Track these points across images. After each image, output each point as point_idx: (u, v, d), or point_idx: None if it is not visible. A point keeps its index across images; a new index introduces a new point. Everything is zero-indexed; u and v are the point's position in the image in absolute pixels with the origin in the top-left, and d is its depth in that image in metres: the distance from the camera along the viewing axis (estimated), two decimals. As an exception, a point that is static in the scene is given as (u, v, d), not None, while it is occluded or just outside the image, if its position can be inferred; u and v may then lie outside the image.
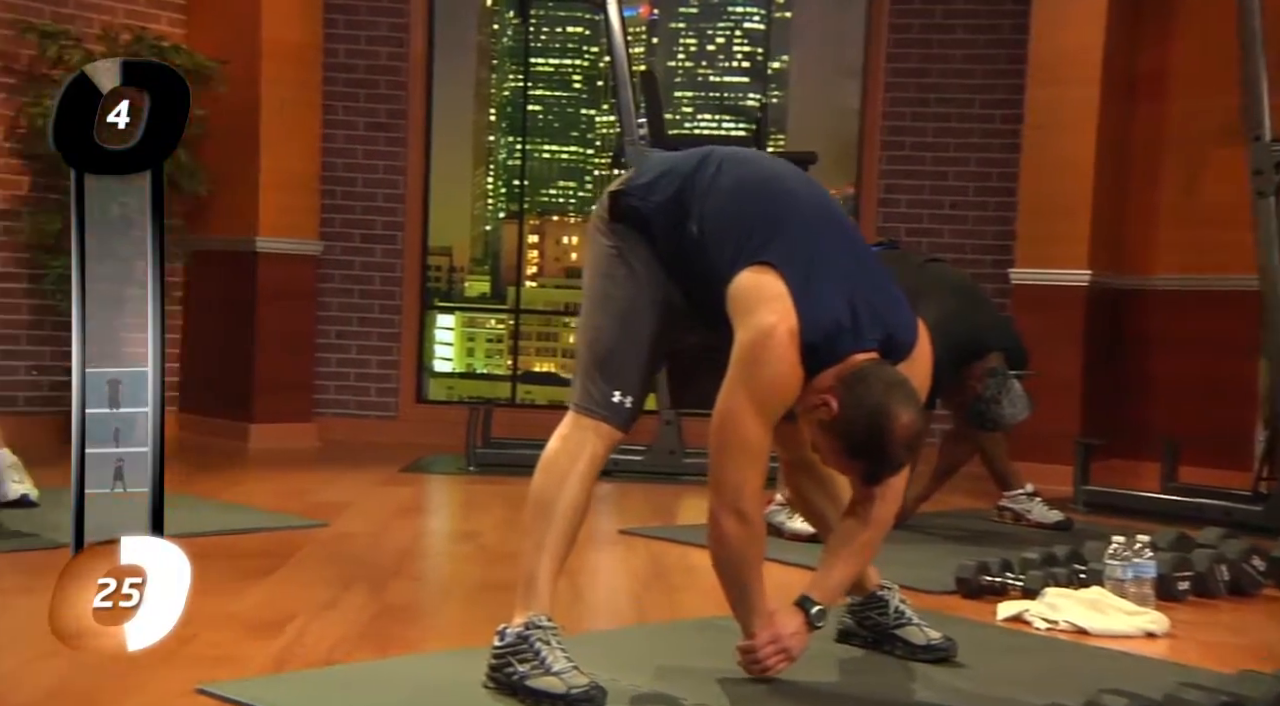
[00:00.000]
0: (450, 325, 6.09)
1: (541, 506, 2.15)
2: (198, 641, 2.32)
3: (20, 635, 2.31)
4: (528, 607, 2.08)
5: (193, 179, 5.27)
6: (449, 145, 5.97)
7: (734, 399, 1.99)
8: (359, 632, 2.46)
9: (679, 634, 2.53)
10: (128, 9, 5.35)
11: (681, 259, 2.14)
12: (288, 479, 4.56)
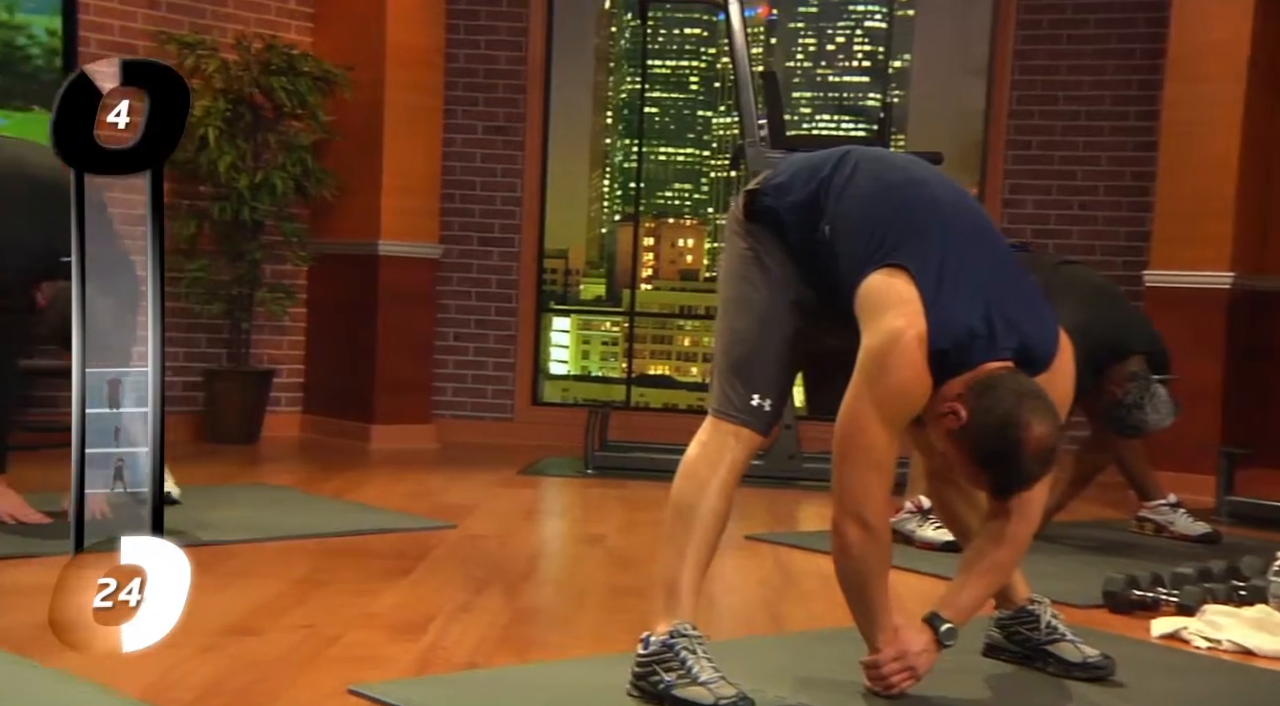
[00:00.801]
0: (566, 328, 6.11)
1: (682, 513, 2.13)
2: (344, 642, 2.36)
3: (171, 634, 2.36)
4: (671, 616, 2.06)
5: (319, 183, 5.38)
6: (566, 148, 5.99)
7: (858, 405, 1.94)
8: (498, 636, 2.47)
9: (817, 644, 2.48)
10: (259, 18, 5.49)
11: (813, 260, 2.10)
12: (411, 480, 4.62)
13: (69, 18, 4.89)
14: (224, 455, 4.95)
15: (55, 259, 3.17)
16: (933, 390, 1.94)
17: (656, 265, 6.58)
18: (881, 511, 2.00)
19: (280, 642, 2.33)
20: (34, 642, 2.21)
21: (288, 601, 2.64)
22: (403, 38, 5.42)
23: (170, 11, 5.26)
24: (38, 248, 3.16)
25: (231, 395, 5.34)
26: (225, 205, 5.20)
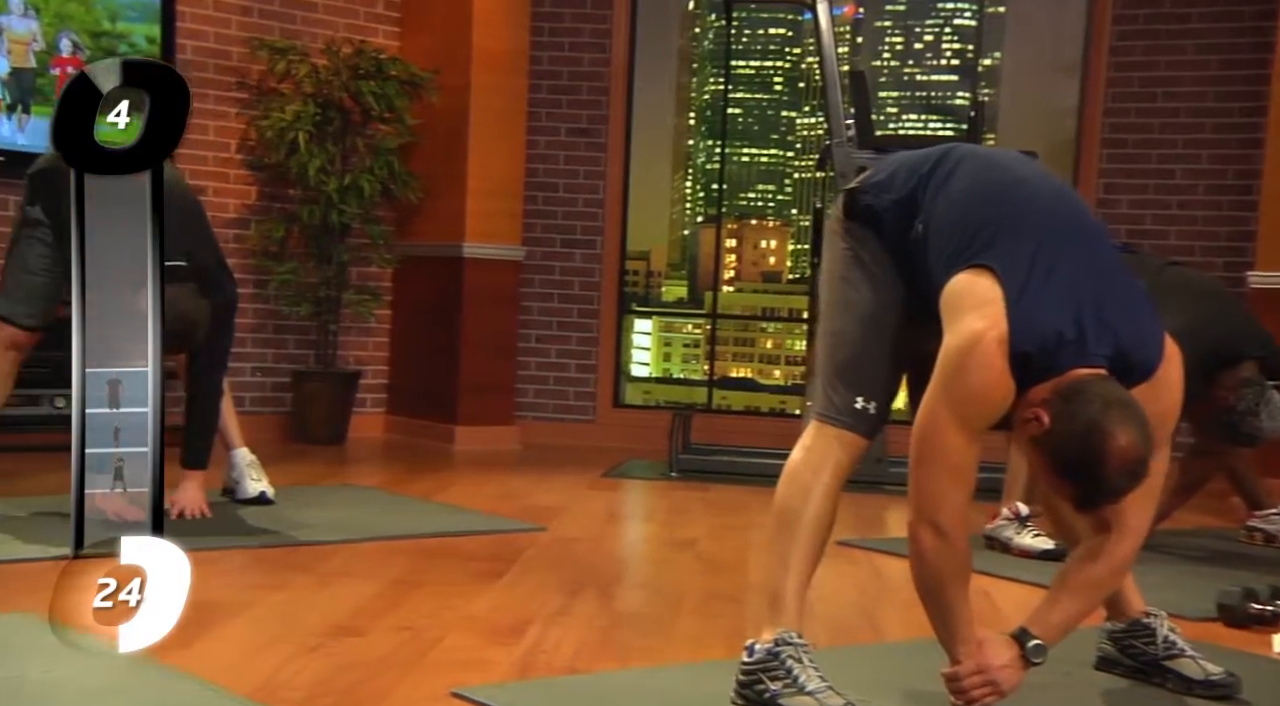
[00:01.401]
0: (647, 330, 6.10)
1: (785, 519, 2.10)
2: (444, 644, 2.36)
3: (277, 633, 2.39)
4: (776, 623, 2.03)
5: (405, 186, 5.43)
6: (648, 149, 5.99)
7: (934, 408, 1.89)
8: (597, 641, 2.46)
9: (921, 654, 2.42)
10: (348, 23, 5.55)
11: (908, 259, 2.05)
12: (497, 482, 4.64)
13: (167, 25, 4.99)
14: (311, 455, 5.01)
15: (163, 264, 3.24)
16: (1017, 394, 1.88)
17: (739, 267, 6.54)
18: (956, 517, 1.93)
19: (382, 643, 2.35)
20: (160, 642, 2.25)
21: (386, 602, 2.66)
22: (488, 41, 5.45)
23: (262, 18, 5.35)
24: None
25: (319, 396, 5.41)
26: (314, 208, 5.27)
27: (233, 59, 5.29)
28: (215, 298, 3.31)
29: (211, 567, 2.93)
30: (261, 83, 5.32)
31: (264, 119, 5.20)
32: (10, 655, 2.14)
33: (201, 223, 3.49)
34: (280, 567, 2.93)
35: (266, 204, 5.43)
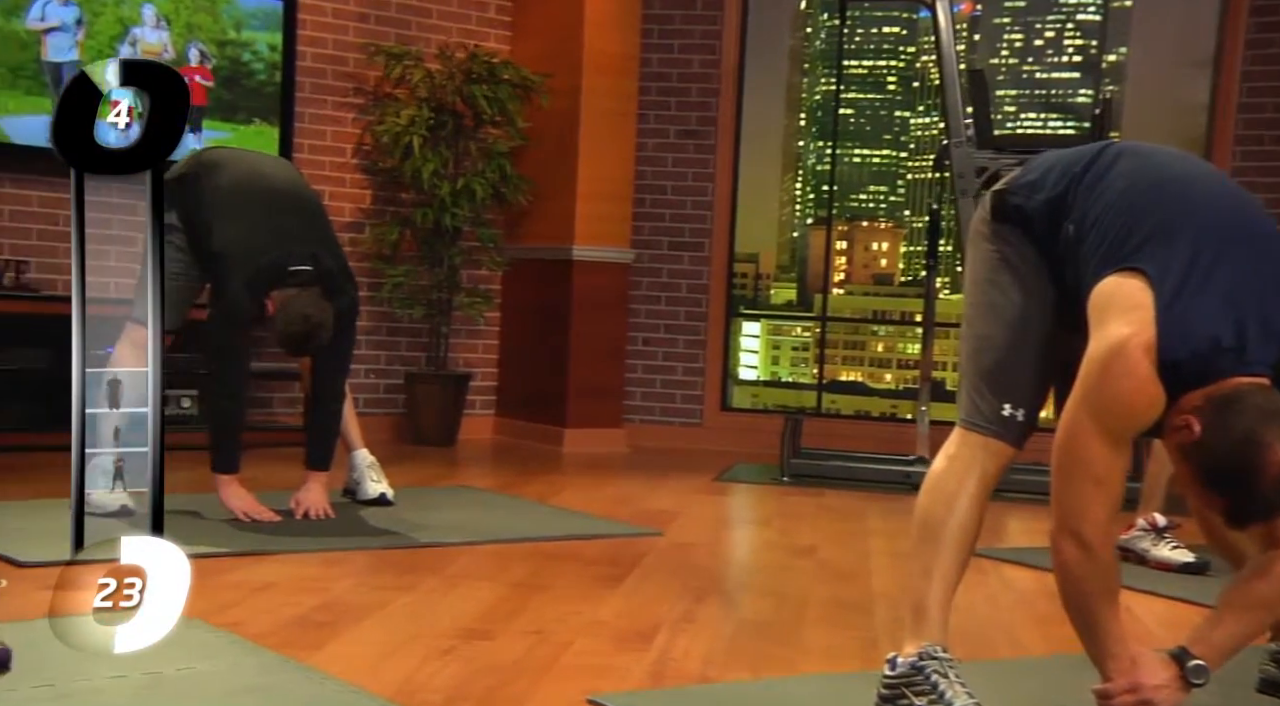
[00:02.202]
0: (756, 332, 6.05)
1: (929, 529, 2.03)
2: (574, 649, 2.35)
3: (410, 634, 2.40)
4: (920, 637, 1.97)
5: (516, 190, 5.46)
6: (757, 151, 5.93)
7: (1077, 416, 1.81)
8: (725, 648, 2.43)
9: (1067, 670, 2.34)
10: (461, 28, 5.61)
11: (1058, 262, 1.98)
12: (610, 485, 4.64)
13: (289, 33, 5.09)
14: (424, 457, 5.06)
15: (287, 269, 3.30)
16: (1168, 402, 1.80)
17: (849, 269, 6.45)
18: (1101, 529, 1.85)
19: (513, 647, 2.35)
20: (291, 642, 2.28)
21: (512, 605, 2.66)
22: (599, 44, 5.46)
23: (378, 24, 5.43)
24: (275, 258, 3.28)
25: (431, 398, 5.47)
26: (427, 211, 5.33)
27: (349, 65, 5.38)
28: (338, 302, 3.35)
29: (339, 568, 2.97)
30: (377, 88, 5.40)
31: (379, 124, 5.28)
32: (150, 651, 2.18)
33: (326, 227, 3.54)
34: (406, 569, 2.96)
35: (381, 207, 5.51)
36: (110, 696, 1.92)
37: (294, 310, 3.24)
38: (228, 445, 3.40)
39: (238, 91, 5.03)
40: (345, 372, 3.59)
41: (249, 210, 3.35)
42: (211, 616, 2.41)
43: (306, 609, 2.53)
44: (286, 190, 3.48)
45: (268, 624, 2.39)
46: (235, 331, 3.35)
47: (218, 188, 3.39)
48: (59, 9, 4.61)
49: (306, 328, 3.25)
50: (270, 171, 3.56)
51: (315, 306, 3.27)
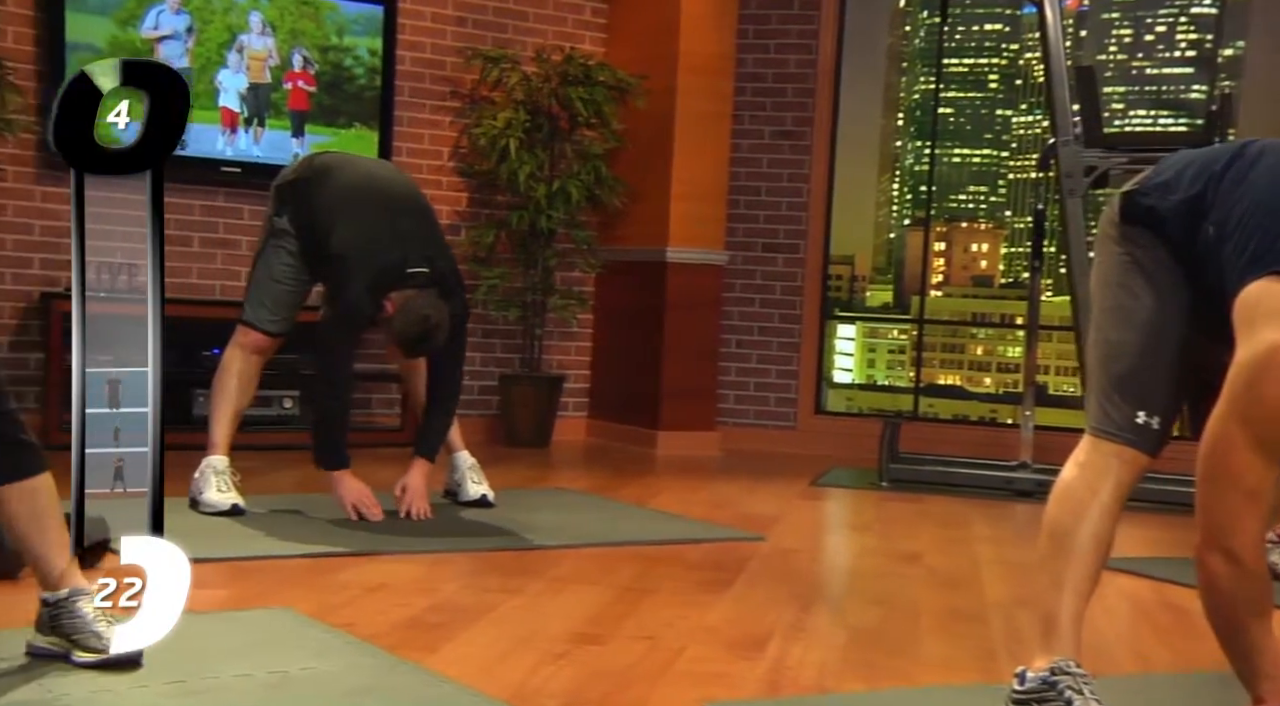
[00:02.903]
0: (851, 335, 5.98)
1: (1059, 540, 1.97)
2: (687, 655, 2.33)
3: (521, 638, 2.40)
4: (1051, 651, 1.92)
5: (610, 191, 5.46)
6: (854, 151, 5.87)
7: (1224, 426, 1.74)
8: (839, 658, 2.39)
9: (1204, 687, 2.27)
10: (556, 30, 5.63)
11: (1195, 265, 1.90)
12: (706, 489, 4.61)
13: (388, 38, 5.15)
14: (518, 458, 5.08)
15: (406, 270, 3.33)
16: None
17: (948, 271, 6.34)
18: (1252, 544, 1.78)
19: (626, 652, 2.33)
20: (405, 643, 2.30)
21: (621, 609, 2.65)
22: (694, 45, 5.44)
23: (476, 28, 5.47)
24: (394, 260, 3.32)
25: (525, 400, 5.49)
26: (523, 214, 5.35)
27: (447, 69, 5.43)
28: (451, 303, 3.39)
29: (446, 569, 2.99)
30: (474, 91, 5.45)
31: (476, 127, 5.31)
32: (273, 650, 2.21)
33: (438, 230, 3.57)
34: (513, 572, 2.96)
35: (476, 210, 5.55)
36: (237, 694, 1.94)
37: (414, 311, 3.28)
38: (336, 442, 3.45)
39: (338, 96, 5.11)
40: (460, 372, 3.64)
41: (367, 213, 3.39)
42: (326, 616, 2.43)
43: (418, 610, 2.55)
44: (401, 193, 3.52)
45: (382, 624, 2.41)
46: (351, 331, 3.40)
47: (333, 191, 3.44)
48: (171, 18, 4.73)
49: (425, 328, 3.29)
50: (383, 175, 3.61)
51: (434, 307, 3.30)
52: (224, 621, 2.37)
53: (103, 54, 4.61)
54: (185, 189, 4.89)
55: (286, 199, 3.49)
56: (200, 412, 4.63)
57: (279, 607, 2.48)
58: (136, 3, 4.66)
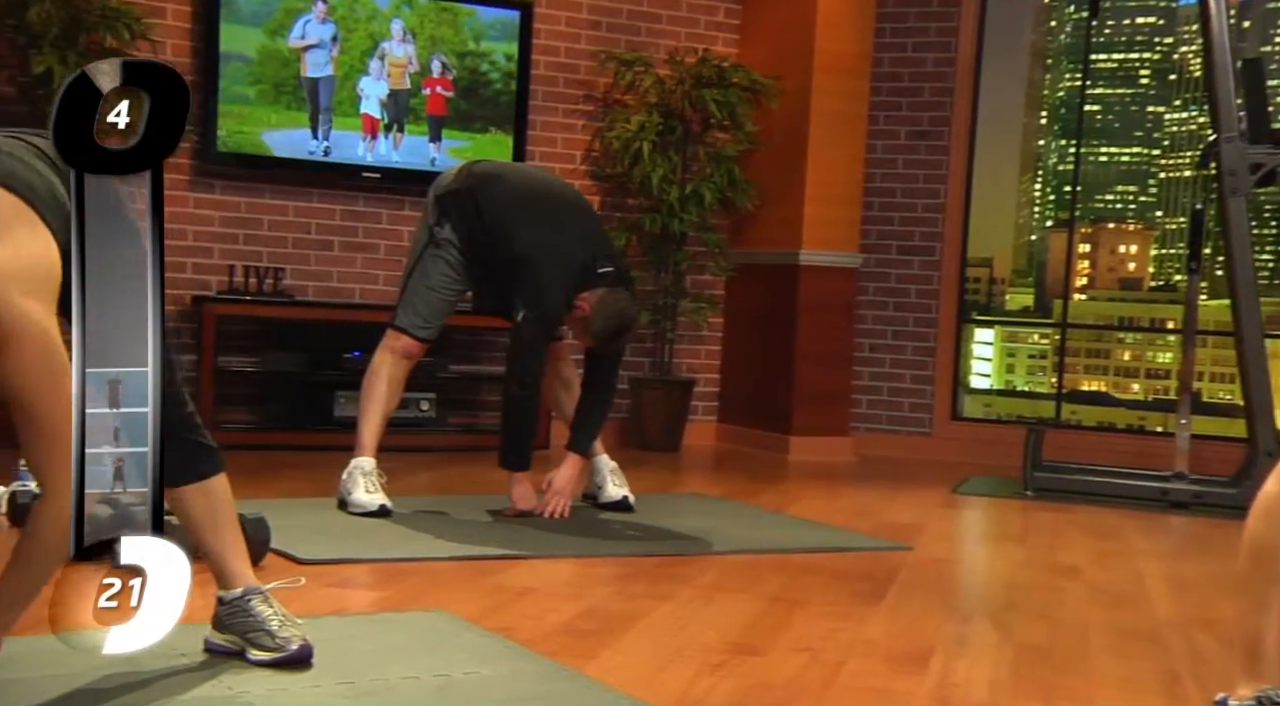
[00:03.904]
0: (989, 339, 5.81)
1: (1261, 559, 1.86)
2: (848, 670, 2.27)
3: (678, 646, 2.37)
4: (1256, 677, 1.81)
5: (743, 194, 5.41)
6: (994, 151, 5.70)
7: None
8: (1009, 676, 2.30)
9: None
10: (689, 33, 5.60)
11: None
12: (845, 496, 4.53)
13: (524, 43, 5.19)
14: (649, 462, 5.05)
15: (596, 269, 3.38)
16: None
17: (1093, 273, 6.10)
18: None
19: (785, 665, 2.28)
20: (563, 649, 2.28)
21: (774, 620, 2.60)
22: (830, 44, 5.35)
23: (609, 31, 5.48)
24: (585, 260, 3.38)
25: (655, 403, 5.47)
26: (655, 217, 5.33)
27: (580, 72, 5.44)
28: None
29: (592, 574, 2.97)
30: (606, 95, 5.45)
31: (609, 130, 5.31)
32: (434, 652, 2.21)
33: (599, 224, 3.68)
34: (660, 578, 2.93)
35: (608, 213, 5.54)
36: (406, 697, 1.95)
37: (612, 307, 3.37)
38: (524, 444, 3.48)
39: (475, 101, 5.16)
40: (618, 369, 3.67)
41: (547, 215, 3.44)
42: (481, 619, 2.44)
43: (570, 616, 2.54)
44: (569, 196, 3.60)
45: (536, 630, 2.40)
46: (549, 332, 3.46)
47: (504, 196, 3.47)
48: (318, 27, 4.83)
49: (623, 323, 3.38)
50: (547, 179, 3.71)
51: (628, 303, 3.44)
52: (383, 623, 2.38)
53: (253, 63, 4.74)
54: (327, 194, 5.00)
55: (448, 209, 3.52)
56: (341, 414, 4.73)
57: (434, 610, 2.49)
58: (285, 13, 4.78)
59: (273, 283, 4.79)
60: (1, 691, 1.81)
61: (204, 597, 2.41)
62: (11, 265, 1.60)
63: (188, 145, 4.66)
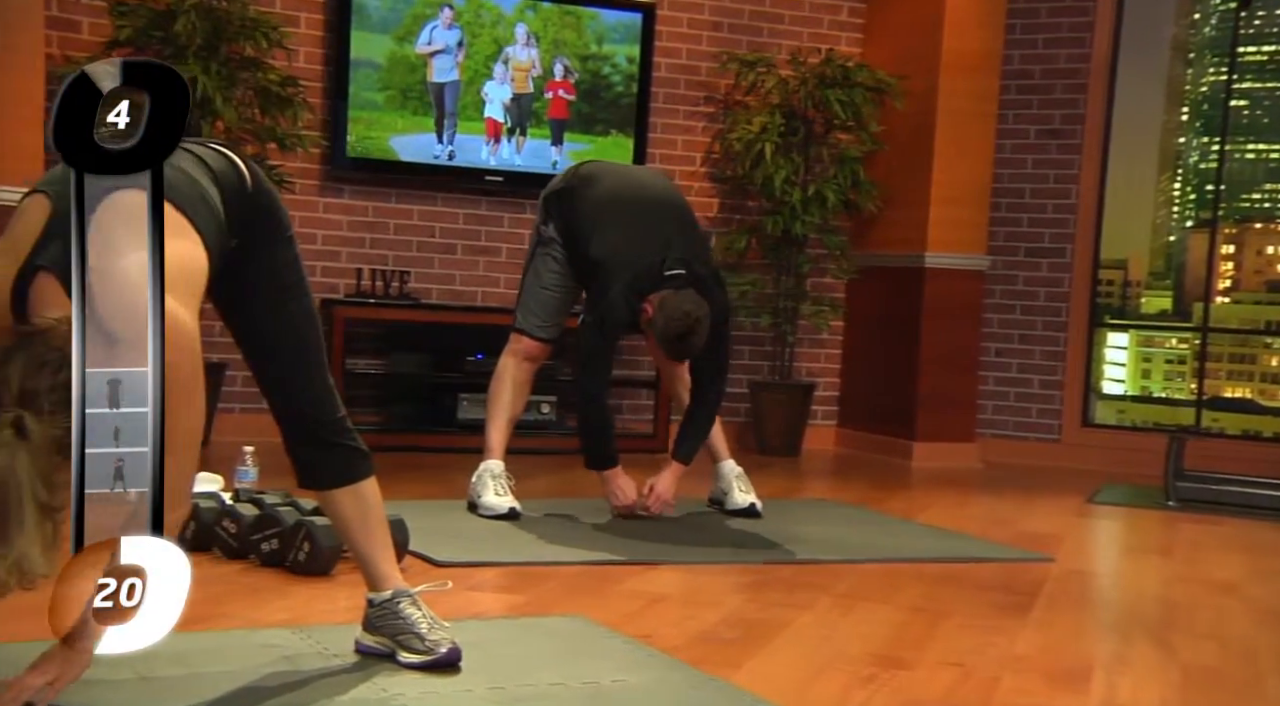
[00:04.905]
0: (1123, 344, 5.59)
1: None
2: (1004, 686, 2.19)
3: (824, 657, 2.31)
4: None
5: (866, 196, 5.31)
6: (1130, 150, 5.50)
7: None
8: (1179, 699, 2.19)
9: None
10: (811, 33, 5.52)
11: None
12: (972, 503, 4.41)
13: (646, 44, 5.17)
14: (770, 467, 4.99)
15: (663, 272, 3.31)
16: None
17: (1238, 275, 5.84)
18: None
19: (937, 680, 2.21)
20: (707, 658, 2.24)
21: (918, 632, 2.52)
22: (958, 43, 5.22)
23: (731, 32, 5.43)
24: (651, 263, 3.30)
25: (775, 407, 5.40)
26: (777, 219, 5.26)
27: (701, 74, 5.40)
28: (711, 304, 3.34)
29: (726, 580, 2.92)
30: (727, 96, 5.40)
31: (730, 132, 5.27)
32: (579, 659, 2.19)
33: (697, 234, 3.53)
34: (794, 586, 2.87)
35: (727, 216, 5.50)
36: (556, 703, 1.93)
37: (675, 309, 3.25)
38: (603, 442, 3.46)
39: (596, 104, 5.16)
40: (723, 378, 3.58)
41: (625, 218, 3.39)
42: (621, 626, 2.41)
43: (709, 624, 2.49)
44: (661, 198, 3.50)
45: (678, 637, 2.37)
46: (610, 333, 3.40)
47: (594, 199, 3.45)
48: (444, 33, 4.88)
49: (687, 324, 3.24)
50: (646, 181, 3.60)
51: (694, 304, 3.26)
52: (525, 627, 2.37)
53: (381, 69, 4.81)
54: (451, 198, 5.05)
55: (552, 208, 3.53)
56: (464, 416, 4.76)
57: (573, 615, 2.47)
58: (413, 19, 4.83)
59: (398, 286, 4.84)
60: (168, 687, 1.84)
61: (349, 598, 2.45)
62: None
63: (318, 151, 4.74)
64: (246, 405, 4.52)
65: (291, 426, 2.00)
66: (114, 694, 1.77)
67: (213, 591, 2.45)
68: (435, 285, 5.05)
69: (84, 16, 4.45)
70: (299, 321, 1.96)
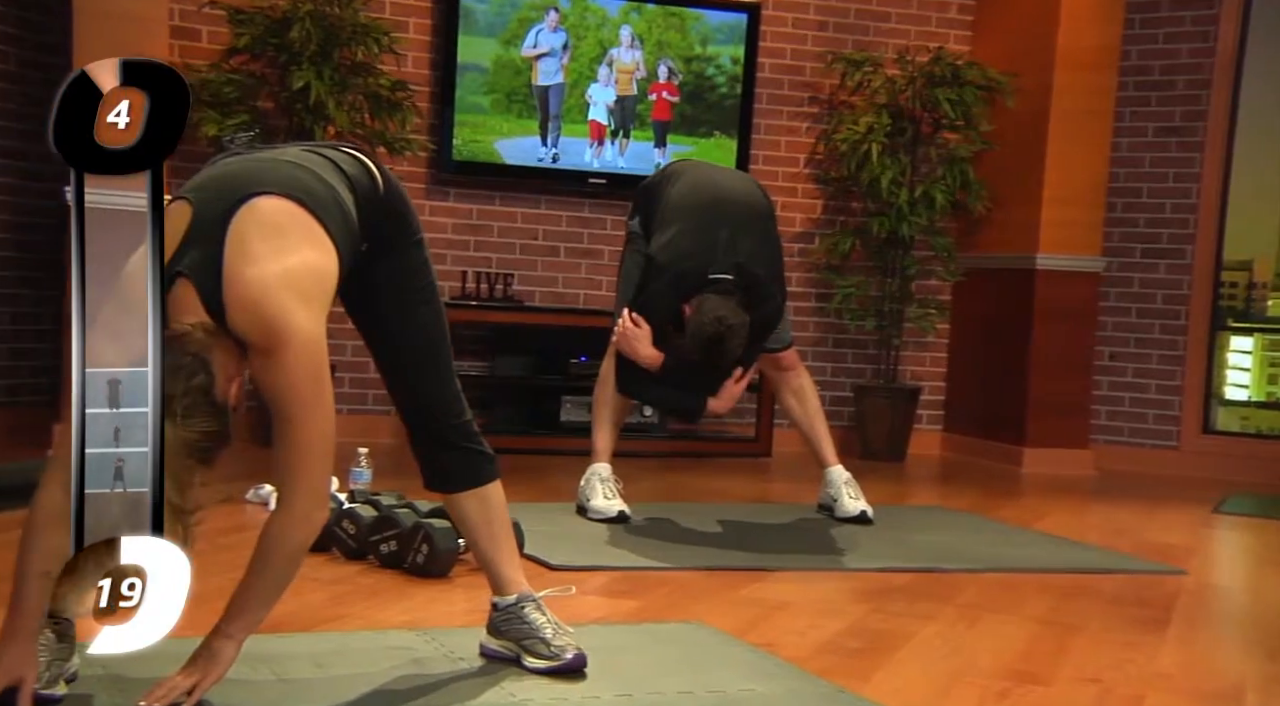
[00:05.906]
0: (1247, 348, 5.38)
1: None
2: (1150, 704, 2.09)
3: (954, 672, 2.24)
4: None
5: (976, 197, 5.19)
6: (1256, 147, 5.28)
7: None
8: (1336, 722, 2.07)
9: None
10: (919, 30, 5.42)
11: None
12: (1091, 511, 4.28)
13: (750, 45, 5.11)
14: (875, 472, 4.88)
15: (707, 275, 3.18)
16: None
17: (1374, 277, 5.57)
18: None
19: (1075, 697, 2.12)
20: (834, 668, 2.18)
21: (1050, 645, 2.43)
22: (1074, 39, 5.07)
23: (837, 31, 5.35)
24: (697, 265, 3.17)
25: (880, 412, 5.30)
26: (884, 220, 5.16)
27: (806, 74, 5.33)
28: (758, 310, 3.18)
29: (846, 588, 2.86)
30: (832, 97, 5.32)
31: (836, 132, 5.18)
32: (704, 667, 2.15)
33: (765, 241, 3.33)
34: (917, 596, 2.80)
35: (831, 217, 5.42)
36: (685, 713, 1.89)
37: (708, 311, 3.10)
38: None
39: (700, 105, 5.12)
40: None
41: (686, 218, 3.29)
42: (743, 634, 2.36)
43: (832, 633, 2.43)
44: (732, 200, 3.35)
45: (802, 647, 2.31)
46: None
47: (669, 196, 3.39)
48: (549, 36, 4.88)
49: (719, 329, 3.08)
50: (723, 182, 3.48)
51: (729, 309, 3.10)
52: (647, 634, 2.33)
53: (488, 73, 4.83)
54: (554, 200, 5.05)
55: (639, 204, 3.51)
56: (568, 418, 4.76)
57: (694, 622, 2.43)
58: (519, 23, 4.85)
59: (502, 288, 4.85)
60: (306, 688, 1.84)
61: (467, 600, 2.44)
62: (291, 274, 1.63)
63: (424, 154, 4.77)
64: (354, 406, 4.57)
65: (419, 428, 2.00)
66: (255, 695, 1.78)
67: (336, 592, 2.45)
68: (538, 288, 5.05)
69: (204, 25, 4.54)
70: (428, 324, 1.95)
